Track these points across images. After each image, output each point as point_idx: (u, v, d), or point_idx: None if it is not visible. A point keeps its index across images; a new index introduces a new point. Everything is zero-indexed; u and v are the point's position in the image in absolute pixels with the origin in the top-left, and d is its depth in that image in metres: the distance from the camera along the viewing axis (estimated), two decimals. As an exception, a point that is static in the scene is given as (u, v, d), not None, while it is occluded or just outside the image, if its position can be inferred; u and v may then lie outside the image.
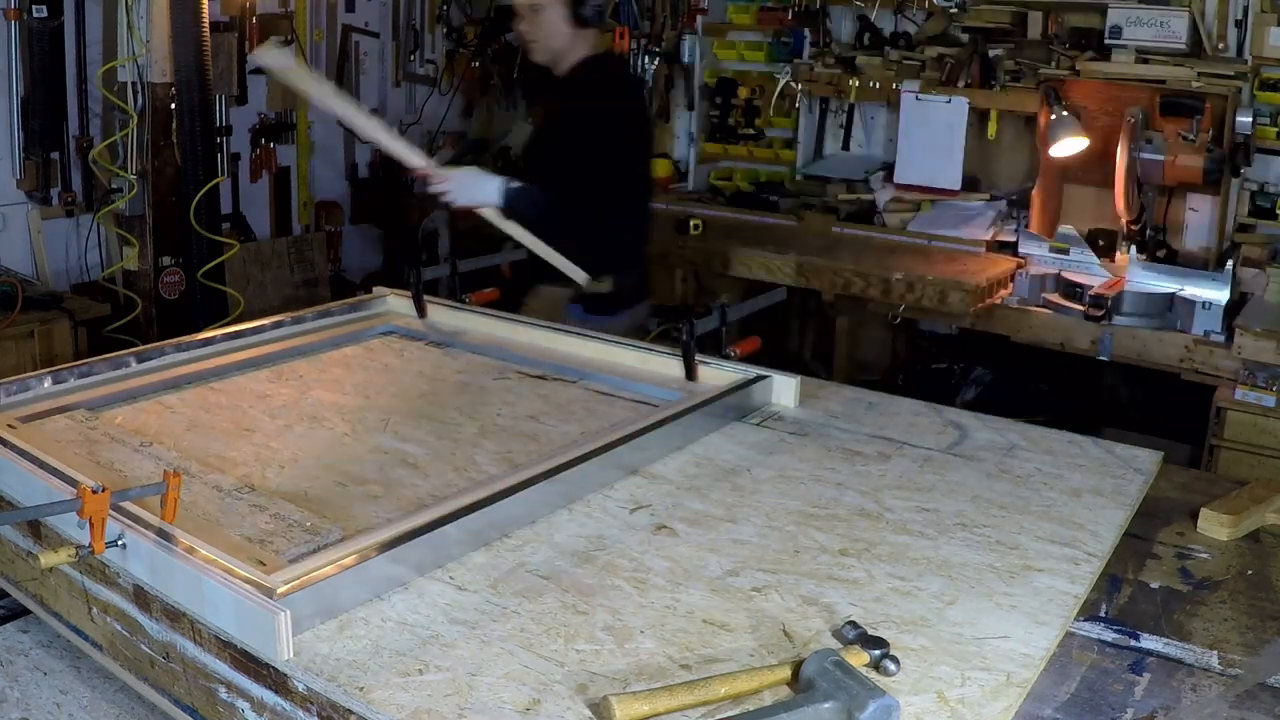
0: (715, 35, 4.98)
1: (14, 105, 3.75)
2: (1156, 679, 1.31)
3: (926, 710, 1.19)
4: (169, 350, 2.24)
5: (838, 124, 4.81)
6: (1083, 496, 1.74)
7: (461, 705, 1.18)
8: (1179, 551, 1.63)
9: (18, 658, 1.66)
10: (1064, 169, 4.01)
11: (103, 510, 1.37)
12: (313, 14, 4.77)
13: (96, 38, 3.97)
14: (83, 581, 1.52)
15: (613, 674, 1.23)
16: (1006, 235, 4.03)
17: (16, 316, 3.13)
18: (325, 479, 1.73)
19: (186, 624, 1.35)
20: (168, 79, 3.72)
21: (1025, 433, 2.01)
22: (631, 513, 1.64)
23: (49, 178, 3.86)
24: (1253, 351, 3.21)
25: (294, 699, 1.24)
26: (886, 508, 1.68)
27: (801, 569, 1.49)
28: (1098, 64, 3.78)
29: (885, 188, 4.38)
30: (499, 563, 1.48)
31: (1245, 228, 3.76)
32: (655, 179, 5.00)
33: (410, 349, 2.40)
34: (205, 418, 1.98)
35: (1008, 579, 1.48)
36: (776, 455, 1.87)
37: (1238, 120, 3.58)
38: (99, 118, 4.02)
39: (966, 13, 4.19)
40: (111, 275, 4.02)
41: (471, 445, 1.88)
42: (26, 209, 3.88)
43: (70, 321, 3.35)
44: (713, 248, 4.12)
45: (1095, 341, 3.49)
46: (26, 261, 3.89)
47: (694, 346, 2.17)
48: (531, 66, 2.92)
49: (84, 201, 3.99)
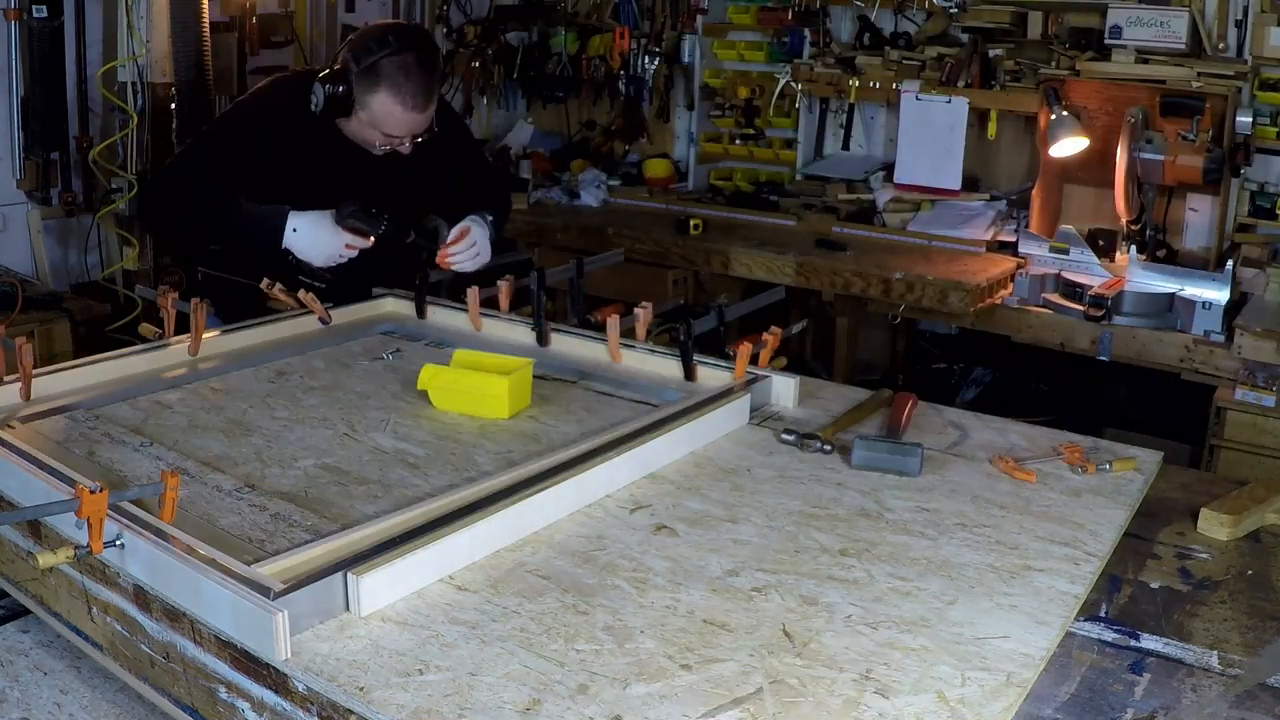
0: (715, 35, 4.98)
1: (14, 105, 3.75)
2: (1156, 679, 1.31)
3: (926, 710, 1.19)
4: (169, 349, 2.24)
5: (838, 124, 4.81)
6: (1082, 496, 1.74)
7: (461, 705, 1.18)
8: (1179, 551, 1.63)
9: (18, 658, 1.66)
10: (1064, 169, 4.01)
11: (100, 510, 1.37)
12: (313, 14, 4.77)
13: (96, 38, 3.97)
14: (83, 581, 1.52)
15: (613, 674, 1.23)
16: (1006, 235, 4.04)
17: (16, 316, 3.13)
18: (325, 479, 1.73)
19: (186, 624, 1.35)
20: (168, 79, 3.73)
21: (1025, 433, 2.01)
22: (631, 513, 1.64)
23: (49, 178, 3.86)
24: (1253, 351, 3.21)
25: (294, 699, 1.24)
26: (886, 508, 1.68)
27: (801, 569, 1.49)
28: (1098, 64, 3.78)
29: (885, 188, 4.39)
30: (499, 563, 1.48)
31: (1245, 228, 3.77)
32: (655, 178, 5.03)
33: (410, 349, 2.39)
34: (205, 418, 1.98)
35: (1008, 579, 1.48)
36: (776, 455, 1.87)
37: (1238, 120, 3.59)
38: (99, 118, 4.03)
39: (966, 13, 4.19)
40: (111, 275, 4.02)
41: (471, 445, 1.88)
42: (26, 209, 3.89)
43: (70, 321, 3.35)
44: (712, 248, 4.12)
45: (1095, 341, 3.49)
46: (26, 261, 3.90)
47: (692, 347, 2.17)
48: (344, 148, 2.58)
49: (84, 202, 3.99)
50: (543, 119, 5.55)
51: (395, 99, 2.37)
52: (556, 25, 5.25)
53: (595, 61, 5.10)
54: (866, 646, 1.30)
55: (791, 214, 4.45)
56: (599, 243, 4.18)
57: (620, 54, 5.02)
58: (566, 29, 5.19)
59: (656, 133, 5.27)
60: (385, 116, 2.39)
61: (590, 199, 4.76)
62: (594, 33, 5.16)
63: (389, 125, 2.42)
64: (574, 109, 5.49)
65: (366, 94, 2.37)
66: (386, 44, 2.35)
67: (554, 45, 5.23)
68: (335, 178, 2.50)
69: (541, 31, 5.31)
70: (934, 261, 3.86)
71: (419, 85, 2.39)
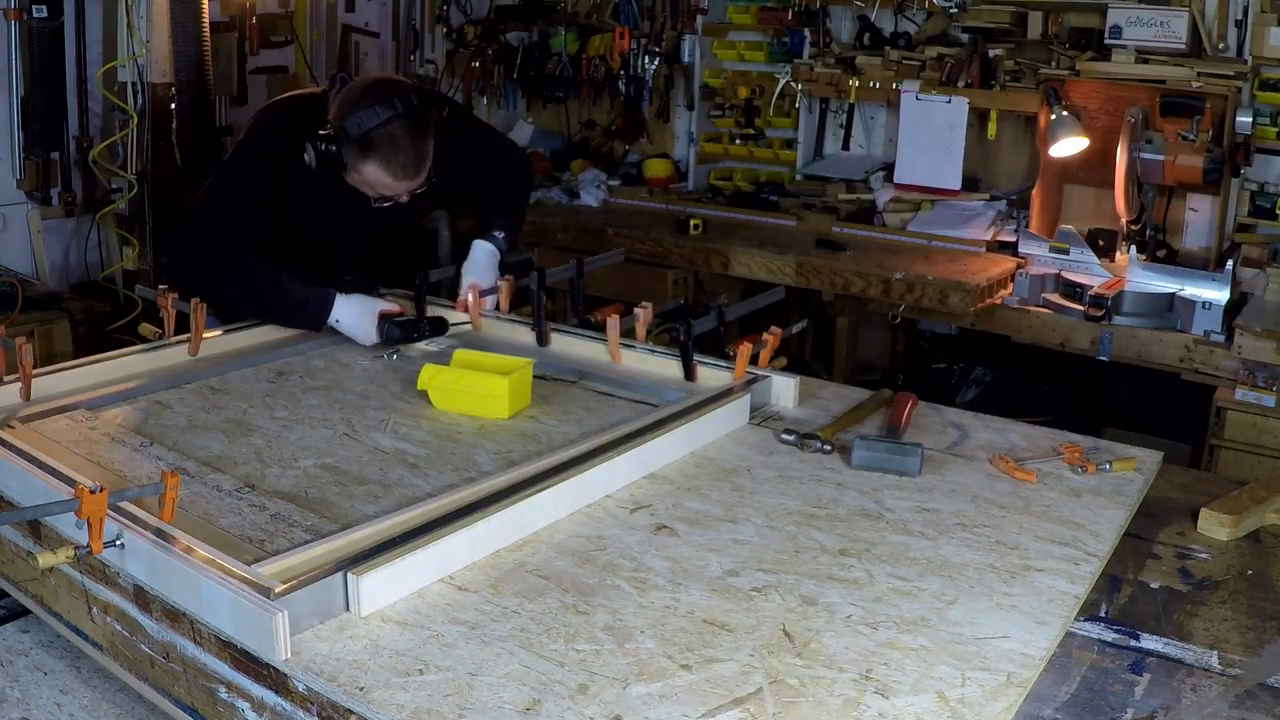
0: (715, 35, 4.97)
1: (14, 105, 3.75)
2: (1156, 679, 1.31)
3: (926, 710, 1.19)
4: (169, 349, 2.24)
5: (838, 124, 4.81)
6: (1082, 496, 1.74)
7: (461, 705, 1.18)
8: (1179, 551, 1.63)
9: (18, 658, 1.66)
10: (1064, 169, 4.00)
11: (100, 510, 1.37)
12: (313, 14, 4.77)
13: (96, 38, 3.97)
14: (83, 581, 1.52)
15: (613, 674, 1.23)
16: (1006, 235, 4.03)
17: (16, 316, 3.13)
18: (325, 479, 1.73)
19: (186, 624, 1.35)
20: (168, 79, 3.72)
21: (1025, 433, 2.01)
22: (631, 513, 1.64)
23: (49, 178, 3.86)
24: (1253, 351, 3.20)
25: (294, 699, 1.24)
26: (886, 508, 1.68)
27: (801, 569, 1.49)
28: (1098, 64, 3.78)
29: (885, 188, 4.38)
30: (499, 563, 1.48)
31: (1245, 228, 3.76)
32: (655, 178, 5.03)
33: (410, 349, 2.39)
34: (205, 418, 1.98)
35: (1008, 579, 1.48)
36: (776, 455, 1.87)
37: (1238, 120, 3.58)
38: (99, 118, 4.03)
39: (966, 13, 4.19)
40: (111, 275, 4.02)
41: (471, 445, 1.88)
42: (26, 209, 3.88)
43: (70, 321, 3.35)
44: (712, 248, 4.12)
45: (1095, 341, 3.49)
46: (26, 261, 3.89)
47: (692, 347, 2.17)
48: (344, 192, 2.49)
49: (84, 202, 3.99)
50: (543, 119, 5.55)
51: (385, 170, 2.34)
52: (556, 25, 5.25)
53: (595, 61, 5.09)
54: (866, 646, 1.31)
55: (791, 214, 4.44)
56: (599, 243, 4.18)
57: (620, 54, 5.02)
58: (566, 29, 5.19)
59: (656, 133, 5.26)
60: (376, 182, 2.37)
61: (590, 199, 4.76)
62: (594, 33, 5.15)
63: (381, 189, 2.40)
64: (574, 109, 5.49)
65: (357, 162, 2.34)
66: (374, 115, 2.30)
67: (554, 45, 5.22)
68: (338, 203, 2.49)
69: (541, 31, 5.31)
70: (934, 261, 3.86)
71: (408, 156, 2.35)
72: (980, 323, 3.72)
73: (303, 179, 2.39)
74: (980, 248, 3.99)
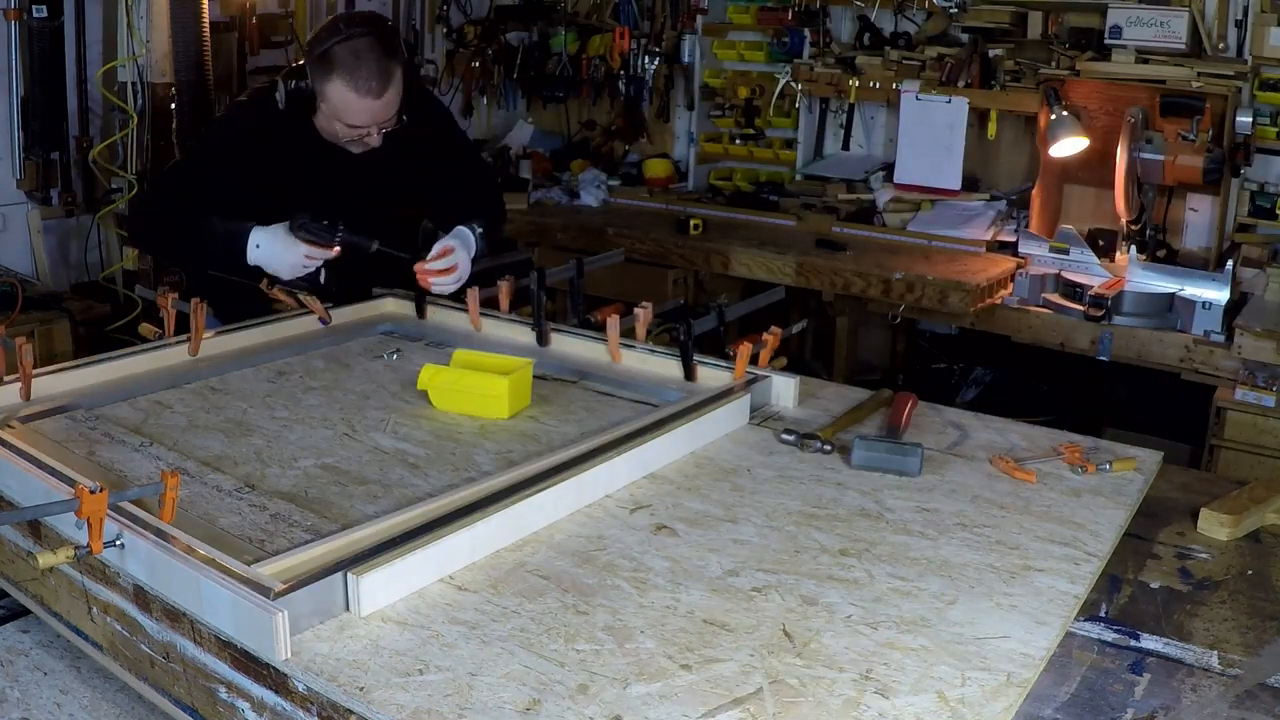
0: (715, 35, 4.98)
1: (14, 105, 3.75)
2: (1156, 679, 1.31)
3: (926, 710, 1.19)
4: (169, 349, 2.24)
5: (838, 124, 4.82)
6: (1082, 496, 1.74)
7: (461, 705, 1.18)
8: (1179, 551, 1.63)
9: (18, 658, 1.66)
10: (1064, 169, 4.01)
11: (100, 510, 1.37)
12: (313, 14, 4.76)
13: (96, 38, 3.97)
14: (83, 581, 1.52)
15: (613, 674, 1.23)
16: (1006, 235, 4.04)
17: (16, 316, 3.13)
18: (325, 479, 1.73)
19: (186, 624, 1.35)
20: (168, 79, 3.72)
21: (1025, 433, 2.01)
22: (631, 513, 1.64)
23: (49, 178, 3.86)
24: (1253, 351, 3.21)
25: (294, 699, 1.24)
26: (886, 508, 1.68)
27: (801, 569, 1.49)
28: (1098, 64, 3.78)
29: (885, 188, 4.38)
30: (499, 563, 1.48)
31: (1245, 228, 3.77)
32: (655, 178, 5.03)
33: (410, 349, 2.39)
34: (205, 418, 1.98)
35: (1008, 579, 1.48)
36: (776, 455, 1.87)
37: (1238, 120, 3.59)
38: (99, 118, 4.02)
39: (966, 13, 4.19)
40: (111, 275, 4.02)
41: (471, 445, 1.88)
42: (26, 209, 3.88)
43: (70, 321, 3.35)
44: (712, 248, 4.12)
45: (1095, 341, 3.49)
46: (26, 261, 3.89)
47: (692, 347, 2.17)
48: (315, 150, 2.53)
49: (84, 202, 3.99)
50: (543, 119, 5.56)
51: (349, 85, 2.33)
52: (556, 25, 5.26)
53: (595, 61, 5.10)
54: (866, 646, 1.30)
55: (791, 214, 4.45)
56: (599, 243, 4.18)
57: (620, 54, 5.02)
58: (566, 29, 5.19)
59: (656, 133, 5.27)
60: (342, 104, 2.36)
61: (590, 199, 4.76)
62: (594, 33, 5.16)
63: (348, 114, 2.39)
64: (574, 109, 5.49)
65: (323, 84, 2.34)
66: (337, 31, 2.33)
67: (554, 45, 5.23)
68: (316, 183, 2.49)
69: (541, 31, 5.32)
70: (934, 261, 3.86)
71: (372, 69, 2.34)
72: (980, 323, 3.72)
73: (290, 161, 2.39)
74: (980, 248, 4.00)
